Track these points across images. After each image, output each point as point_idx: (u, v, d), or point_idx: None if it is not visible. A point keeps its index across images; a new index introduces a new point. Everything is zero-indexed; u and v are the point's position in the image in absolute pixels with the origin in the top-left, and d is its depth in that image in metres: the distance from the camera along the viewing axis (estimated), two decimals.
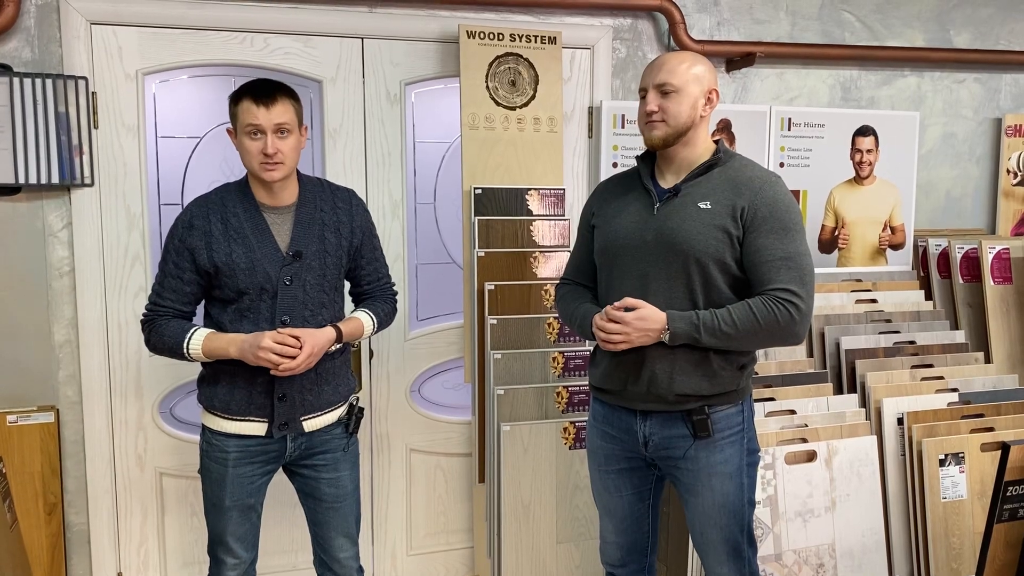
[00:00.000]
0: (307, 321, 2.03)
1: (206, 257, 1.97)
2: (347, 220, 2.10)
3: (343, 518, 2.16)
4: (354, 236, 2.12)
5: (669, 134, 1.91)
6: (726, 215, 1.89)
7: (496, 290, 2.65)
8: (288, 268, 2.00)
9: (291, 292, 2.01)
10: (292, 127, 1.96)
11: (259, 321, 1.99)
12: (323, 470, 2.11)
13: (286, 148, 1.95)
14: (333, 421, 2.11)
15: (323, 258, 2.05)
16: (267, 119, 1.92)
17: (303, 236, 2.03)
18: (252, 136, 1.94)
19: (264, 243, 2.00)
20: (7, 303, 2.48)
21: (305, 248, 2.02)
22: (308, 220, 2.05)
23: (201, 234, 1.98)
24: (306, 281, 2.03)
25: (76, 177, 2.47)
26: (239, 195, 2.02)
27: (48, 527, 2.52)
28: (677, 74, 1.89)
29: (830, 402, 2.72)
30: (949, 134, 3.48)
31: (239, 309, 2.00)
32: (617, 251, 2.01)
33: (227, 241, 1.98)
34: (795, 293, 1.85)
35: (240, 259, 1.97)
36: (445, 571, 2.99)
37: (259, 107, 1.92)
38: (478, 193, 2.69)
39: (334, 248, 2.07)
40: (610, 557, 2.21)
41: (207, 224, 1.99)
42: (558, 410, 2.58)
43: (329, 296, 2.08)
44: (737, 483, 1.96)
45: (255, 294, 1.98)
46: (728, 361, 1.94)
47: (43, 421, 2.50)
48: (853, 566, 2.57)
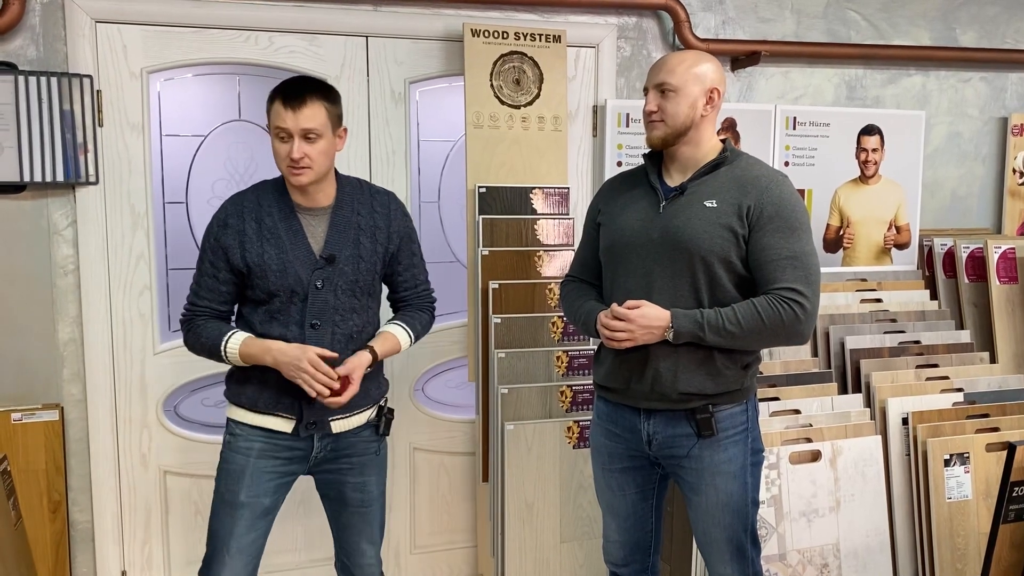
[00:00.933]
0: (337, 326, 1.99)
1: (239, 256, 1.94)
2: (384, 225, 2.04)
3: (368, 524, 2.12)
4: (391, 241, 2.06)
5: (668, 134, 1.91)
6: (732, 214, 1.89)
7: (500, 289, 2.65)
8: (320, 272, 1.96)
9: (322, 296, 1.96)
10: (322, 130, 1.90)
11: (288, 324, 1.96)
12: (349, 473, 2.07)
13: (314, 153, 1.89)
14: (362, 423, 2.07)
15: (356, 263, 2.00)
16: (294, 123, 1.86)
17: (337, 239, 1.98)
18: (281, 139, 1.89)
19: (297, 245, 1.96)
20: (11, 301, 2.49)
21: (339, 252, 1.98)
22: (343, 223, 2.00)
23: (235, 233, 1.95)
24: (337, 286, 1.98)
25: (81, 175, 2.47)
26: (275, 194, 1.98)
27: (52, 525, 2.53)
28: (676, 74, 1.89)
29: (835, 402, 2.72)
30: (955, 133, 3.47)
31: (269, 311, 1.96)
32: (622, 249, 2.00)
33: (260, 241, 1.94)
34: (801, 292, 1.85)
35: (272, 260, 1.93)
36: (448, 570, 2.99)
37: (287, 110, 1.87)
38: (482, 192, 2.69)
39: (369, 253, 2.01)
40: (613, 556, 2.21)
41: (241, 223, 1.95)
42: (562, 409, 2.58)
43: (361, 302, 2.03)
44: (741, 483, 1.96)
45: (285, 296, 1.95)
46: (732, 360, 1.93)
47: (47, 419, 2.50)
48: (857, 566, 2.56)
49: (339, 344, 1.98)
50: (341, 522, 2.12)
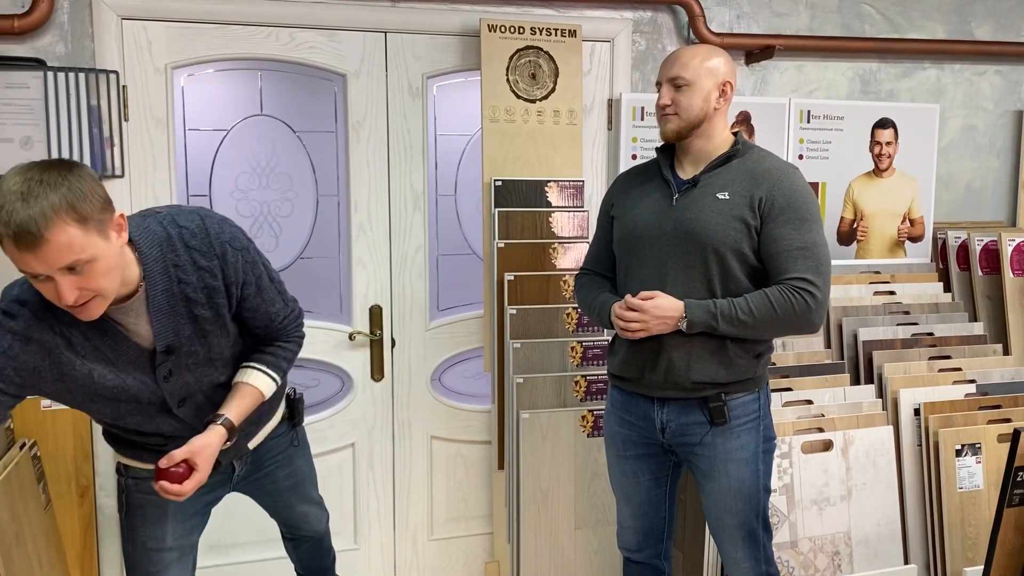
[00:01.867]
0: (208, 396, 1.72)
1: (54, 383, 1.51)
2: (219, 283, 1.61)
3: (305, 492, 2.05)
4: (230, 296, 1.65)
5: (682, 127, 1.95)
6: (744, 205, 1.92)
7: (516, 280, 2.69)
8: (163, 367, 1.61)
9: (174, 384, 1.64)
10: (91, 252, 1.38)
11: (161, 425, 1.68)
12: (276, 471, 1.96)
13: (93, 279, 1.40)
14: (275, 426, 1.94)
15: (203, 337, 1.64)
16: (43, 265, 1.35)
17: (166, 324, 1.58)
18: (38, 280, 1.40)
19: (123, 352, 1.55)
20: None
21: (175, 338, 1.59)
22: (166, 306, 1.57)
23: (42, 351, 1.49)
24: (188, 365, 1.64)
25: (107, 169, 2.53)
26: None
27: (80, 510, 2.60)
28: (689, 68, 1.93)
29: (847, 392, 2.75)
30: (969, 126, 3.47)
31: (126, 426, 1.65)
32: (636, 241, 2.04)
33: (80, 359, 1.52)
34: (812, 282, 1.88)
35: (106, 375, 1.54)
36: (465, 557, 3.04)
37: (27, 252, 1.34)
38: (498, 185, 2.73)
39: (212, 318, 1.63)
40: (627, 542, 2.26)
41: (47, 335, 1.49)
42: (576, 398, 2.62)
43: (224, 364, 1.73)
44: (753, 469, 1.99)
45: (132, 406, 1.61)
46: (745, 349, 1.97)
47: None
48: (868, 554, 2.59)
49: (215, 398, 1.72)
50: (280, 506, 2.04)
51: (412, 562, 2.99)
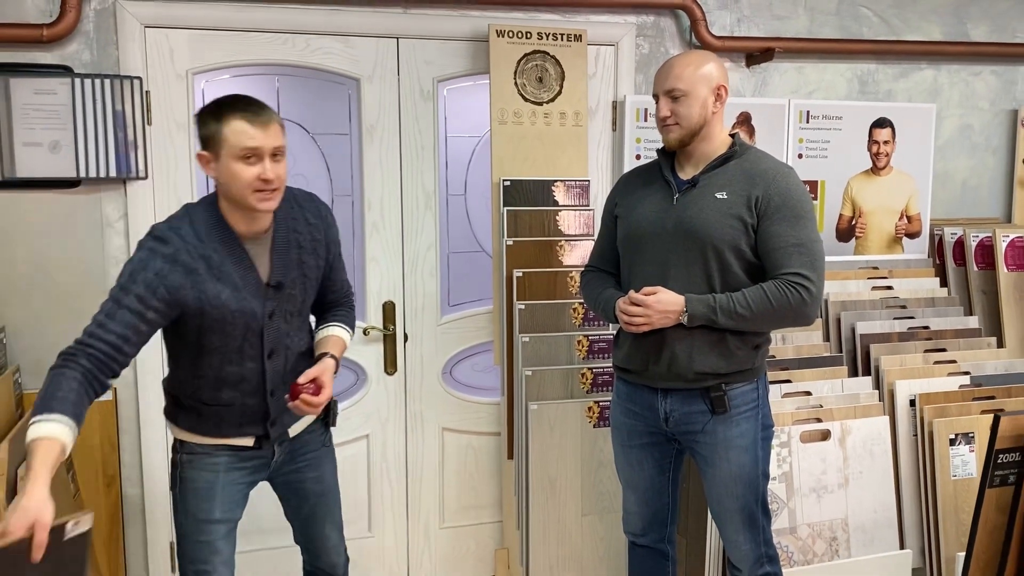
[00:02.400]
0: (289, 350, 1.96)
1: (193, 298, 1.76)
2: (321, 238, 1.96)
3: (329, 510, 2.14)
4: (329, 252, 1.99)
5: (684, 135, 2.05)
6: (741, 204, 2.01)
7: (524, 277, 2.79)
8: (271, 302, 1.87)
9: (274, 325, 1.89)
10: (284, 149, 1.79)
11: (243, 361, 1.88)
12: (306, 470, 2.09)
13: (283, 173, 1.78)
14: (312, 420, 2.09)
15: (304, 284, 1.93)
16: (265, 141, 1.72)
17: (282, 263, 1.88)
18: (246, 160, 1.72)
19: (248, 279, 1.83)
20: (69, 289, 2.66)
21: (285, 277, 1.88)
22: (284, 246, 1.89)
23: (186, 272, 1.75)
24: (286, 311, 1.91)
25: (131, 171, 2.63)
26: (214, 225, 1.80)
27: (107, 499, 2.70)
28: (684, 79, 2.01)
29: (844, 384, 2.84)
30: (965, 125, 3.56)
31: (222, 354, 1.85)
32: (639, 239, 2.14)
33: (212, 280, 1.78)
34: (806, 277, 1.97)
35: (229, 299, 1.79)
36: (475, 545, 3.15)
37: (256, 128, 1.72)
38: (507, 185, 2.83)
39: (312, 270, 1.95)
40: (632, 527, 2.35)
41: (192, 259, 1.76)
42: (583, 390, 2.72)
43: (304, 319, 2.02)
44: (752, 456, 2.09)
45: (240, 335, 1.85)
46: (744, 341, 2.06)
47: (102, 399, 2.66)
48: (865, 540, 2.69)
49: (291, 366, 1.95)
50: (303, 516, 2.13)
51: (424, 550, 3.10)
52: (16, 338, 2.62)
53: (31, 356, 2.63)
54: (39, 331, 2.63)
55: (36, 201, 2.60)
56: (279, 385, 1.94)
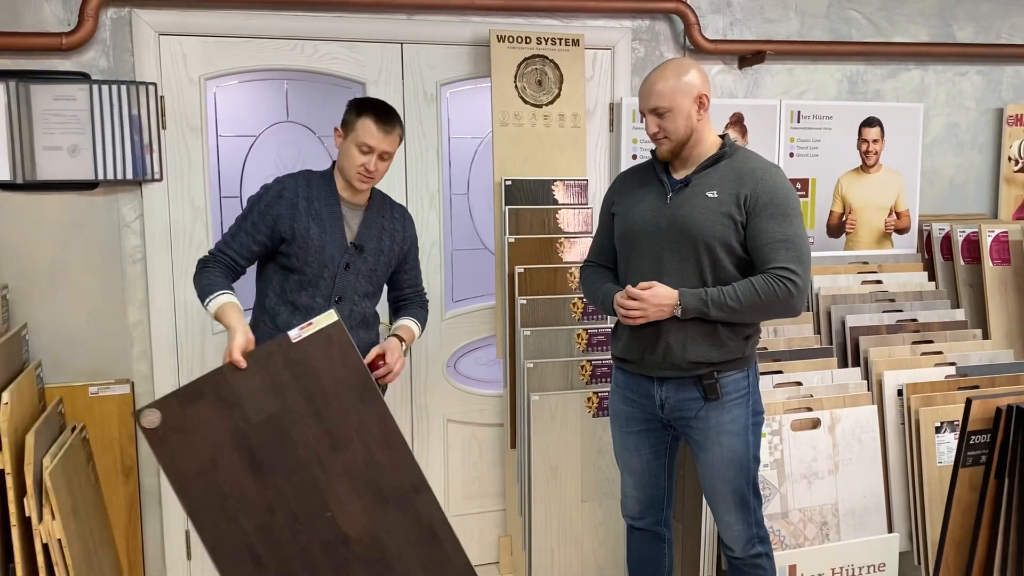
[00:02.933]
0: (355, 305, 2.35)
1: (288, 226, 2.25)
2: (401, 230, 2.46)
3: None
4: (404, 243, 2.46)
5: (674, 147, 2.16)
6: (731, 203, 2.12)
7: (525, 273, 2.90)
8: (349, 256, 2.32)
9: (347, 277, 2.33)
10: (393, 155, 2.31)
11: (315, 295, 2.30)
12: None
13: (383, 168, 2.31)
14: None
15: (378, 255, 2.38)
16: (380, 143, 2.24)
17: (367, 233, 2.36)
18: (362, 151, 2.25)
19: (335, 229, 2.31)
20: (87, 287, 2.77)
21: (366, 243, 2.35)
22: (372, 222, 2.39)
23: (287, 204, 2.27)
24: (360, 271, 2.35)
25: (147, 173, 2.74)
26: (323, 184, 2.34)
27: (126, 488, 2.81)
28: (665, 96, 2.11)
29: (834, 375, 2.95)
30: (952, 124, 3.67)
31: (300, 281, 2.30)
32: (635, 236, 2.25)
33: (307, 217, 2.27)
34: (793, 271, 2.08)
35: (314, 236, 2.27)
36: (480, 532, 3.26)
37: (380, 131, 2.24)
38: (508, 184, 2.94)
39: (388, 249, 2.41)
40: (630, 510, 2.46)
41: (295, 198, 2.28)
42: (582, 382, 2.82)
43: (374, 289, 2.41)
44: (743, 440, 2.20)
45: (316, 270, 2.28)
46: (735, 332, 2.17)
47: (120, 393, 2.79)
48: (855, 524, 2.80)
49: (354, 321, 2.34)
50: None
51: None
52: (37, 335, 2.72)
53: (51, 352, 2.74)
54: (59, 329, 2.74)
55: (56, 202, 2.71)
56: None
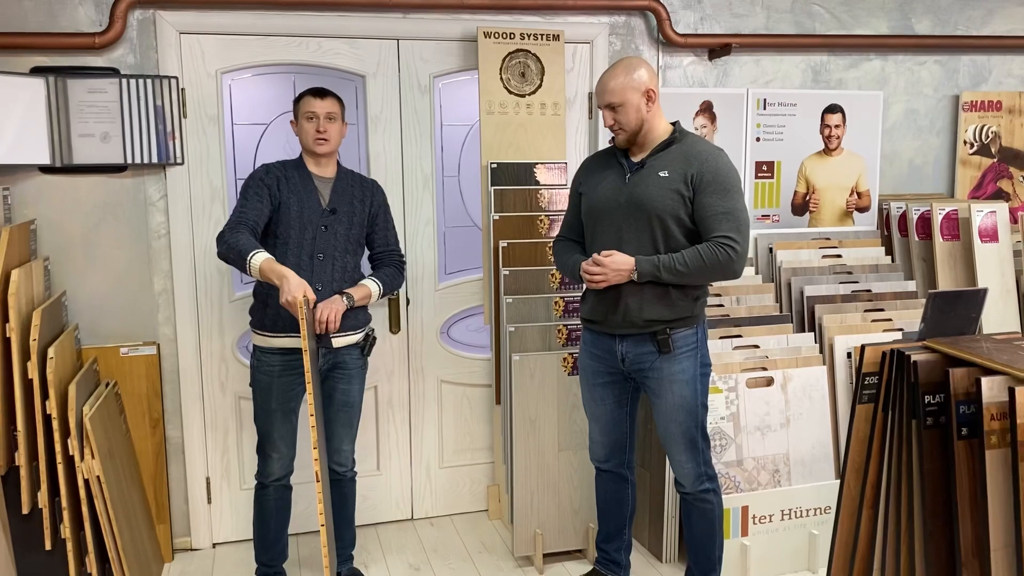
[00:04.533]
0: (336, 261, 2.71)
1: (276, 191, 2.64)
2: (370, 195, 2.82)
3: (348, 419, 2.83)
4: (373, 206, 2.82)
5: (630, 136, 2.47)
6: (680, 181, 2.43)
7: (509, 247, 3.20)
8: (326, 218, 2.69)
9: (326, 237, 2.69)
10: (337, 116, 2.70)
11: (301, 254, 2.66)
12: (340, 380, 2.78)
13: (332, 130, 2.68)
14: (353, 343, 2.77)
15: (351, 217, 2.74)
16: (321, 107, 2.66)
17: (338, 199, 2.73)
18: (308, 119, 2.66)
19: (311, 198, 2.69)
20: (117, 260, 3.10)
21: (339, 207, 2.72)
22: (342, 190, 2.76)
23: (274, 178, 2.66)
24: (337, 231, 2.71)
25: (170, 158, 3.07)
26: (296, 166, 2.74)
27: (153, 439, 3.16)
28: (616, 93, 2.42)
29: (789, 339, 3.25)
30: (911, 110, 3.94)
31: (287, 243, 2.65)
32: (599, 212, 2.56)
33: (288, 190, 2.67)
34: (733, 239, 2.39)
35: (293, 204, 2.65)
36: (470, 482, 3.59)
37: (315, 99, 2.67)
38: (494, 167, 3.25)
39: (359, 212, 2.77)
40: (597, 455, 2.79)
41: (278, 173, 2.68)
42: (559, 344, 3.14)
43: (352, 247, 2.76)
44: (692, 388, 2.52)
45: (299, 232, 2.65)
46: (685, 294, 2.49)
47: (147, 353, 3.13)
48: (804, 472, 3.11)
49: (337, 275, 2.70)
50: (329, 416, 2.79)
51: (426, 486, 3.55)
52: (74, 301, 3.06)
53: (87, 316, 3.08)
54: (93, 297, 3.08)
55: (90, 184, 3.04)
56: (325, 285, 2.67)
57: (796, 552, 3.05)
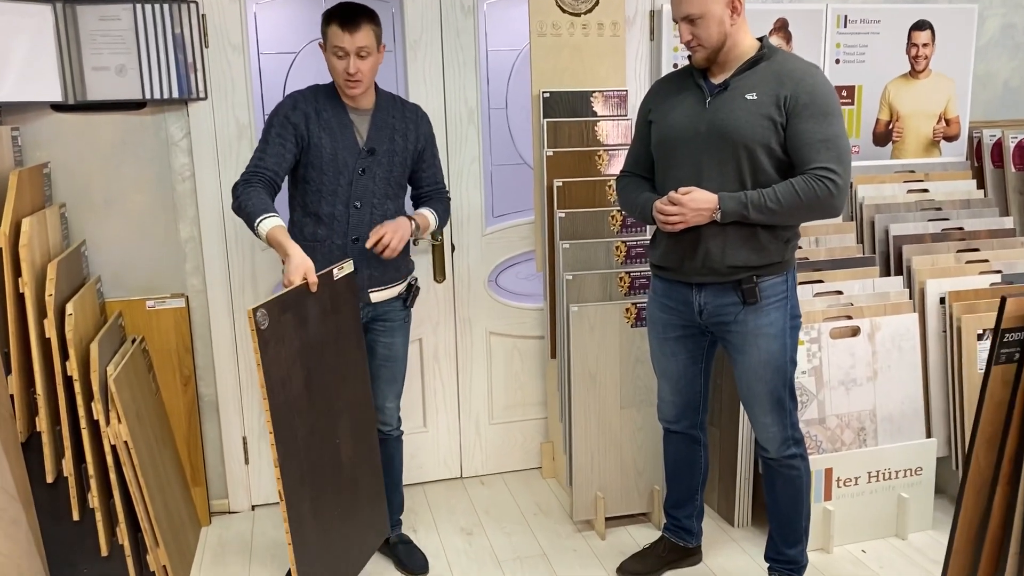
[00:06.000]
0: (375, 208, 2.42)
1: (305, 131, 2.33)
2: (414, 128, 2.48)
3: (392, 375, 2.60)
4: (419, 142, 2.49)
5: (709, 54, 2.14)
6: (771, 104, 2.10)
7: (564, 187, 2.91)
8: (363, 160, 2.38)
9: (363, 181, 2.39)
10: (372, 49, 2.31)
11: (335, 203, 2.38)
12: (381, 334, 2.55)
13: (365, 68, 2.32)
14: (395, 295, 2.53)
15: (391, 157, 2.43)
16: (351, 43, 2.28)
17: (377, 136, 2.40)
18: (337, 56, 2.30)
19: (345, 137, 2.37)
20: (139, 205, 2.86)
21: (378, 146, 2.40)
22: (382, 124, 2.42)
23: (302, 114, 2.35)
24: (376, 174, 2.41)
25: (192, 92, 2.79)
26: (329, 96, 2.40)
27: (184, 397, 2.95)
28: (695, 3, 2.08)
29: (876, 284, 2.93)
30: (1009, 25, 3.53)
31: (319, 190, 2.37)
32: (673, 143, 2.24)
33: (319, 127, 2.34)
34: (833, 171, 2.07)
35: (326, 145, 2.34)
36: (522, 438, 3.36)
37: (344, 32, 2.27)
38: (546, 97, 2.93)
39: (401, 150, 2.45)
40: (666, 415, 2.53)
41: (307, 108, 2.36)
42: (621, 293, 2.86)
43: (394, 190, 2.47)
44: (781, 343, 2.23)
45: (332, 178, 2.36)
46: (774, 235, 2.18)
47: (175, 306, 2.90)
48: (892, 430, 2.83)
49: (377, 223, 2.40)
50: (371, 372, 2.54)
51: (475, 443, 3.33)
52: (96, 251, 2.84)
53: (109, 268, 2.85)
54: (116, 247, 2.85)
55: (107, 123, 2.78)
56: (363, 235, 2.38)
57: (883, 517, 2.79)
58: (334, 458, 2.32)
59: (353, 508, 2.41)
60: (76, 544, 2.46)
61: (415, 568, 2.66)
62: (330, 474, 2.30)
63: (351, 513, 2.40)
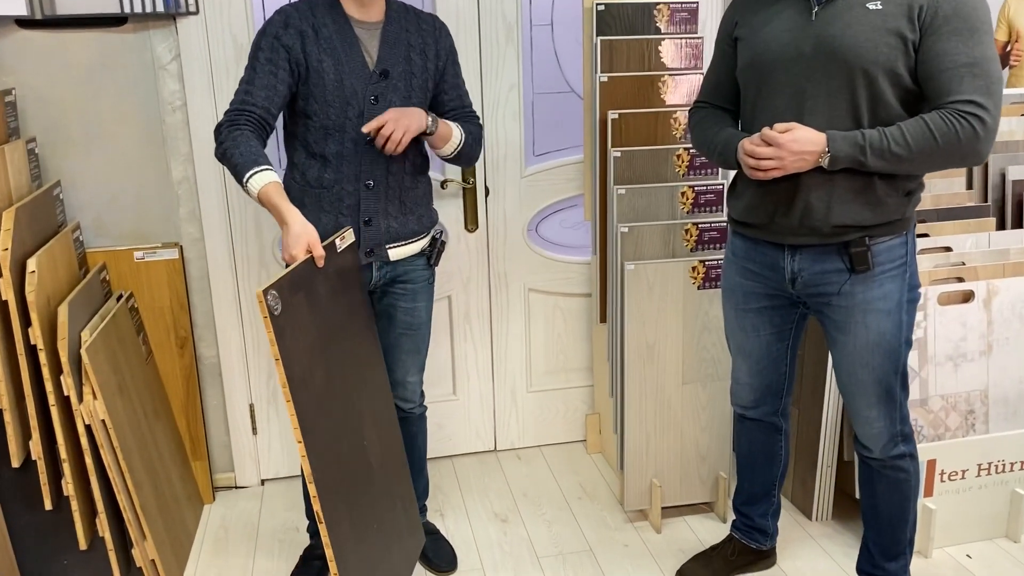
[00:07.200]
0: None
1: (301, 54, 1.91)
2: (432, 43, 2.05)
3: (414, 345, 2.20)
4: (439, 59, 2.06)
5: None
6: (901, 16, 1.62)
7: (620, 119, 2.46)
8: (375, 87, 1.96)
9: (376, 111, 1.95)
10: None
11: (344, 140, 1.96)
12: (402, 298, 2.14)
13: None
14: (416, 252, 2.13)
15: (409, 79, 2.00)
16: None
17: (389, 55, 1.98)
18: None
19: (352, 57, 1.94)
20: (124, 140, 2.46)
21: (392, 68, 1.97)
22: (394, 39, 1.99)
23: (296, 33, 1.92)
24: (391, 102, 1.97)
25: (181, 5, 2.36)
26: (328, 6, 1.96)
27: (181, 360, 2.60)
28: None
29: (992, 239, 2.47)
30: None
31: (324, 127, 1.96)
32: (767, 66, 1.78)
33: (318, 49, 1.92)
34: (981, 105, 1.60)
35: (329, 69, 1.92)
36: (564, 408, 2.98)
37: None
38: (600, 10, 2.45)
39: (420, 70, 2.02)
40: (742, 399, 2.12)
41: (302, 24, 1.92)
42: (686, 248, 2.42)
43: None
44: (896, 321, 1.79)
45: (339, 110, 1.94)
46: (895, 187, 1.73)
47: (168, 257, 2.52)
48: (1007, 414, 2.39)
49: (394, 167, 2.01)
50: (390, 341, 2.18)
51: (511, 412, 2.95)
52: (74, 193, 2.45)
53: (91, 212, 2.47)
54: (97, 186, 2.46)
55: (81, 41, 2.36)
56: (378, 181, 2.00)
57: (993, 516, 2.38)
58: (364, 463, 1.93)
59: (390, 518, 2.02)
60: (50, 535, 2.14)
61: (442, 566, 2.32)
62: (363, 483, 1.90)
63: (389, 525, 2.01)
